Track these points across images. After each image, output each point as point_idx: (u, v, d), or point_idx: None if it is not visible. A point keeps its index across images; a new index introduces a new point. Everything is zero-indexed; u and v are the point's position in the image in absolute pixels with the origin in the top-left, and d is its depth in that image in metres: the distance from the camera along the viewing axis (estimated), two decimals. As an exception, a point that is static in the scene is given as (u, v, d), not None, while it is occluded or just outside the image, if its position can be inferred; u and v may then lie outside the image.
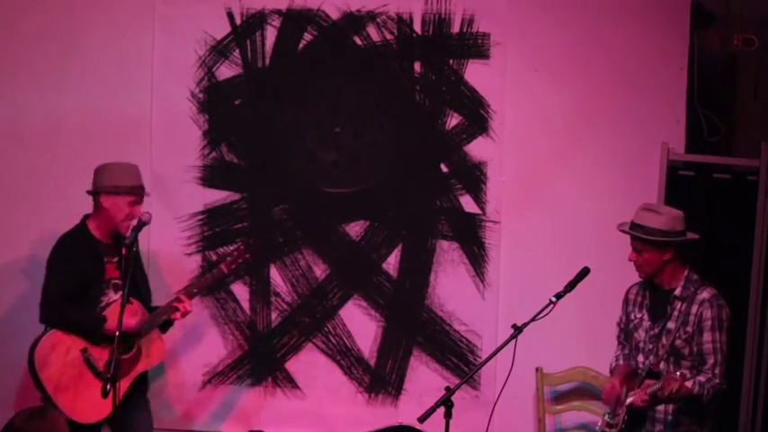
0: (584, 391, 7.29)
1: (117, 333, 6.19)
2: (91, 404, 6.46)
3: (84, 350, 6.51)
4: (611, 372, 6.40)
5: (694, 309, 6.09)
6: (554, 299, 5.94)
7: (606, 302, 6.82)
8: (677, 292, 6.14)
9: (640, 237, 6.10)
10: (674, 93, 7.13)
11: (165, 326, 6.72)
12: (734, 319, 6.21)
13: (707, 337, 6.05)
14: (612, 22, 7.19)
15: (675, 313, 6.12)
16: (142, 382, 6.74)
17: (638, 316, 6.27)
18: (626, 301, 6.35)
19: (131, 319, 6.49)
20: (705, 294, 6.10)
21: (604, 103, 7.21)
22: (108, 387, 6.15)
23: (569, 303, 6.12)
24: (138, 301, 6.62)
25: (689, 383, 5.92)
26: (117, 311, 6.31)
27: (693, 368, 6.05)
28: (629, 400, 6.10)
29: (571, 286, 6.01)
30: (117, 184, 6.58)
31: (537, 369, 7.21)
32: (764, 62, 7.26)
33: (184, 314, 6.61)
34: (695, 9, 7.15)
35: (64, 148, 7.48)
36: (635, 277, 6.27)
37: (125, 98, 7.48)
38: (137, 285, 6.63)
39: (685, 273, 6.16)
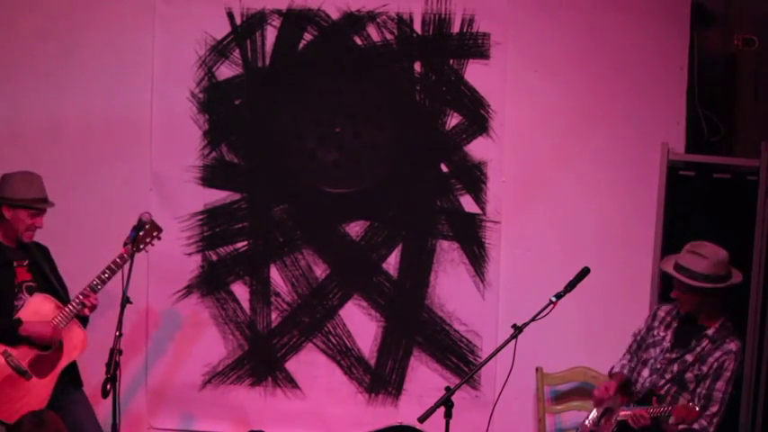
0: (584, 391, 7.28)
1: (118, 333, 6.23)
2: (23, 403, 6.47)
3: (4, 353, 6.50)
4: (611, 376, 6.41)
5: (718, 354, 6.13)
6: (554, 299, 5.95)
7: (606, 302, 6.82)
8: (710, 332, 6.19)
9: (685, 282, 6.12)
10: (674, 93, 7.13)
11: (83, 321, 6.69)
12: (734, 319, 6.22)
13: (720, 386, 6.10)
14: (612, 21, 7.19)
15: (699, 349, 6.17)
16: (74, 377, 6.71)
17: (662, 335, 6.29)
18: (653, 317, 6.39)
19: (47, 327, 6.50)
20: (733, 346, 6.15)
21: (604, 103, 7.21)
22: (108, 387, 6.19)
23: (569, 303, 6.13)
24: (57, 300, 6.61)
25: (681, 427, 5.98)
26: (28, 313, 6.45)
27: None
28: (621, 416, 6.11)
29: (571, 286, 6.02)
30: (16, 197, 6.59)
31: (537, 369, 7.21)
32: (764, 62, 7.26)
33: (92, 308, 6.58)
34: (695, 9, 7.14)
35: (64, 148, 7.49)
36: (635, 277, 6.28)
37: (125, 98, 7.48)
38: (52, 286, 6.65)
39: (722, 320, 6.21)
